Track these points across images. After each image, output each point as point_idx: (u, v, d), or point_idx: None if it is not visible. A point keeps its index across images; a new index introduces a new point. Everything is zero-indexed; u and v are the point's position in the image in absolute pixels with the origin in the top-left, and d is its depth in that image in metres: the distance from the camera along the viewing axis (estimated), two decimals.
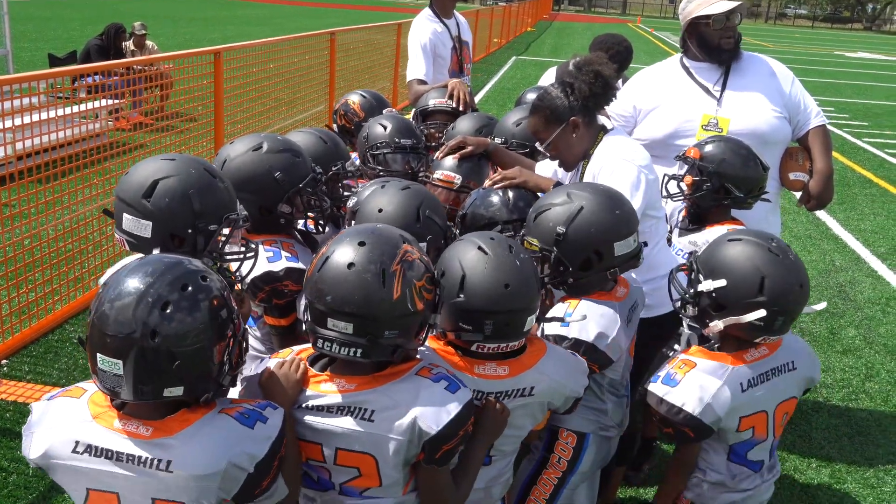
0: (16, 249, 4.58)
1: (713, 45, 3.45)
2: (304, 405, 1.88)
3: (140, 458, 1.63)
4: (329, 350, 1.83)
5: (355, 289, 1.78)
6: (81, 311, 4.95)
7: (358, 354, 1.81)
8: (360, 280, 1.79)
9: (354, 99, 3.70)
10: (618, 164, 2.68)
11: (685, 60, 3.60)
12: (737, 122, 3.38)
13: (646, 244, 2.46)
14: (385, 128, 3.18)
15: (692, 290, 2.30)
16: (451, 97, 3.81)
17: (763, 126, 3.40)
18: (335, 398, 1.85)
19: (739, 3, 3.39)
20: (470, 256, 2.00)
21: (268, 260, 2.42)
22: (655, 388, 2.28)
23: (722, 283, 2.20)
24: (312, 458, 1.92)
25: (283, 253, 2.46)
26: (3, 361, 4.35)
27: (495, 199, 2.68)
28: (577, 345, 2.26)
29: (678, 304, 2.38)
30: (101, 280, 2.30)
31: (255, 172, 2.44)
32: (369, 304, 1.78)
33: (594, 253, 2.30)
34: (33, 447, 1.70)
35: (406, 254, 1.85)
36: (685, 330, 2.74)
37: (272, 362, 1.95)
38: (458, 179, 2.95)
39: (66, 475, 1.69)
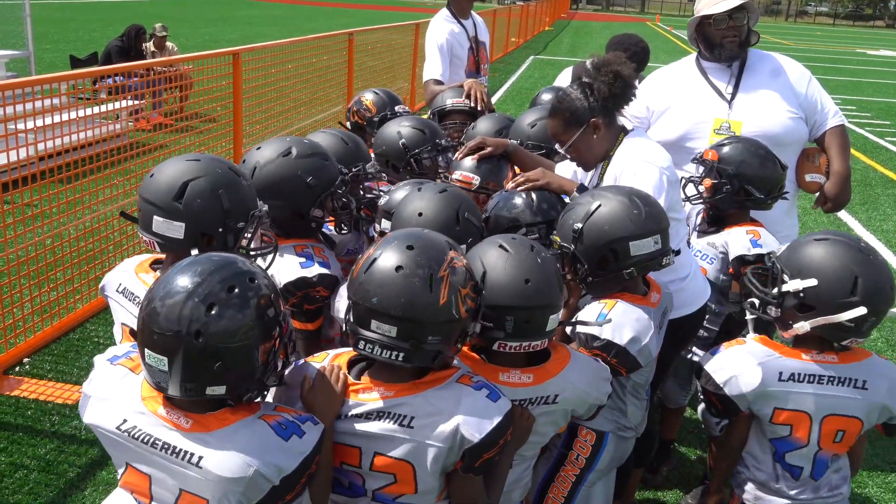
0: (38, 249, 4.63)
1: (716, 44, 3.43)
2: (345, 415, 1.87)
3: (175, 448, 1.67)
4: (370, 352, 1.83)
5: (402, 292, 1.78)
6: (102, 311, 5.00)
7: (400, 358, 1.81)
8: (407, 283, 1.78)
9: (368, 97, 3.76)
10: (640, 166, 2.67)
11: (700, 60, 3.58)
12: (749, 125, 3.35)
13: (678, 252, 2.43)
14: (423, 132, 3.18)
15: (776, 290, 2.22)
16: (468, 97, 3.82)
17: (776, 128, 3.36)
18: (376, 404, 1.85)
19: (742, 1, 3.33)
20: (491, 254, 2.02)
21: (300, 266, 2.44)
22: (703, 357, 2.36)
23: (812, 282, 2.14)
24: (348, 462, 1.91)
25: (316, 258, 2.49)
26: (25, 360, 4.40)
27: (518, 200, 2.67)
28: (609, 347, 2.27)
29: (750, 305, 2.33)
30: (101, 283, 2.34)
31: (287, 178, 2.46)
32: (415, 308, 1.78)
33: (610, 251, 2.30)
34: (87, 411, 1.78)
35: (453, 260, 1.85)
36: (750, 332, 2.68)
37: (310, 368, 1.94)
38: (476, 180, 2.95)
39: (110, 444, 1.78)
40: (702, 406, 2.43)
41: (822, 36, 44.58)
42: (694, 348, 3.32)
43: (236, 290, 1.65)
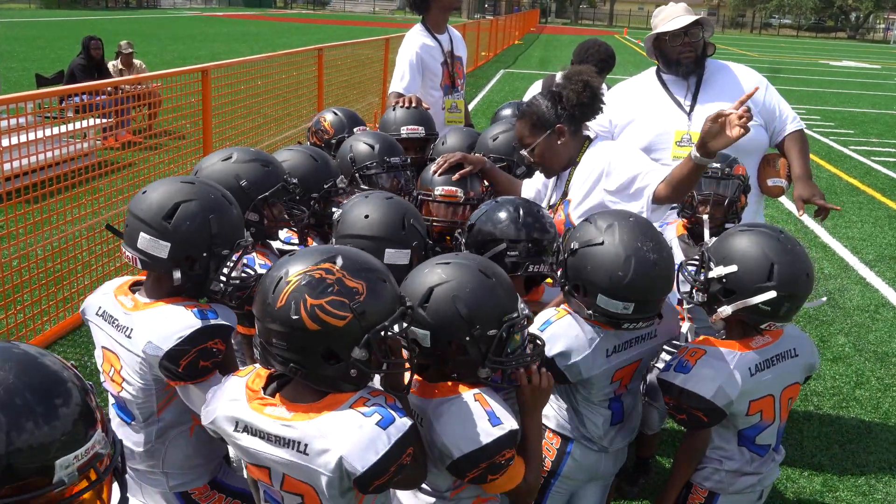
0: (3, 271, 4.56)
1: (672, 60, 3.49)
2: (255, 433, 1.80)
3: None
4: (271, 367, 1.83)
5: (260, 294, 1.78)
6: (71, 332, 4.93)
7: (297, 374, 1.76)
8: (264, 285, 1.78)
9: (327, 117, 3.73)
10: (627, 151, 2.74)
11: (660, 73, 3.63)
12: None
13: (661, 316, 2.37)
14: (372, 147, 3.20)
15: (702, 277, 2.37)
16: (405, 104, 3.79)
17: None
18: (273, 426, 1.78)
19: (696, 17, 3.42)
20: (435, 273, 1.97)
21: (259, 264, 2.45)
22: (668, 375, 2.35)
23: (733, 268, 2.28)
24: (264, 481, 1.87)
25: (258, 260, 2.50)
26: None
27: (504, 215, 2.57)
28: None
29: (686, 294, 2.45)
30: (82, 307, 2.32)
31: (222, 177, 2.46)
32: (263, 310, 1.75)
33: (583, 287, 2.27)
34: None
35: (318, 270, 1.73)
36: (686, 324, 2.77)
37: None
38: (460, 193, 2.97)
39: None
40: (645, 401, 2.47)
41: (787, 47, 45.43)
42: (676, 342, 3.32)
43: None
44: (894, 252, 7.49)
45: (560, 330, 2.31)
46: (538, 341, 2.07)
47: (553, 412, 2.49)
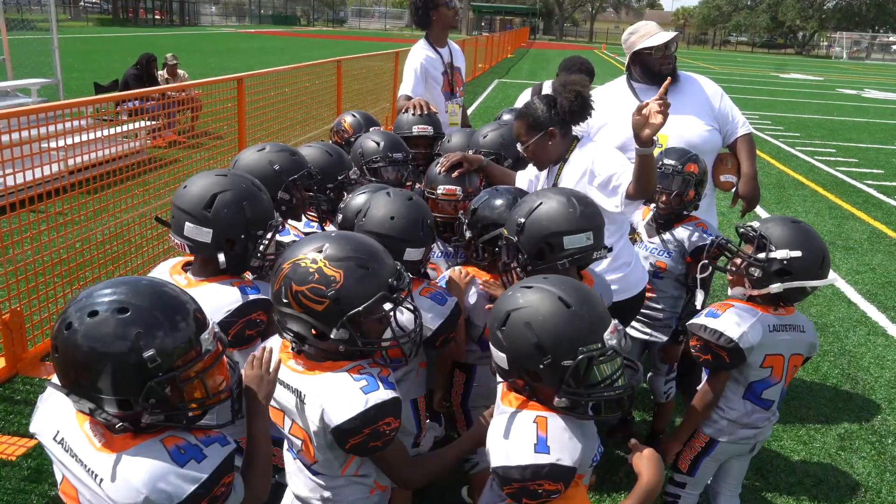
0: (68, 252, 4.58)
1: (655, 72, 3.47)
2: (278, 381, 1.82)
3: (86, 465, 1.46)
4: (283, 337, 1.85)
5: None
6: None
7: (296, 345, 1.81)
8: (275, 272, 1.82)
9: (347, 119, 3.73)
10: (608, 152, 2.74)
11: (631, 82, 3.62)
12: (674, 139, 3.43)
13: (610, 249, 2.38)
14: (378, 144, 3.20)
15: (762, 255, 2.34)
16: (417, 112, 3.76)
17: (696, 138, 3.44)
18: (289, 376, 1.81)
19: (675, 34, 3.47)
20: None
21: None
22: (699, 319, 2.39)
23: (798, 253, 2.30)
24: (277, 423, 1.88)
25: (291, 231, 2.54)
26: None
27: (500, 201, 2.58)
28: None
29: (731, 266, 2.47)
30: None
31: (258, 165, 2.51)
32: (270, 293, 1.82)
33: (546, 244, 2.24)
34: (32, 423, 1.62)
35: (304, 260, 1.74)
36: (700, 295, 2.76)
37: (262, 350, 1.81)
38: (459, 191, 2.98)
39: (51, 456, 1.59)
40: (650, 374, 2.47)
41: (743, 62, 45.11)
42: (649, 329, 3.35)
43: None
44: (833, 238, 7.48)
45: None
46: (634, 370, 1.73)
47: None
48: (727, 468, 2.65)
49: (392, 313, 1.86)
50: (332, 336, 1.74)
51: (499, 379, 1.85)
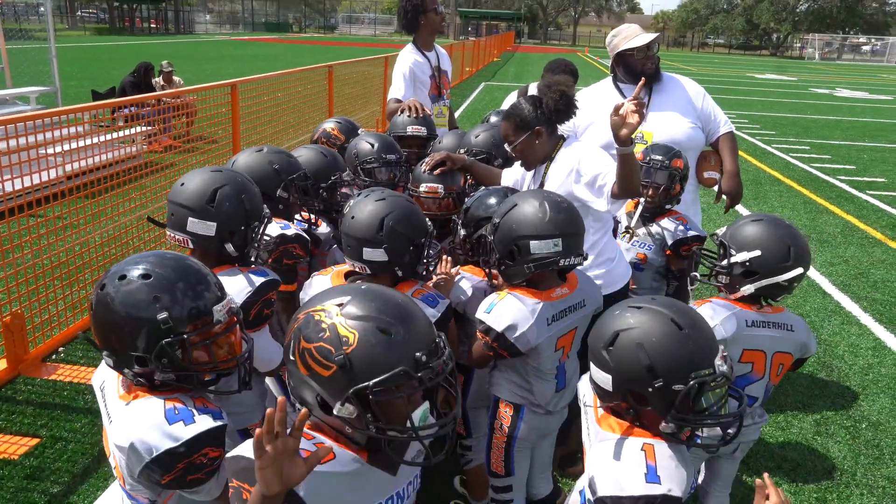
0: (68, 255, 4.54)
1: (637, 72, 3.47)
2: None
3: (107, 409, 1.65)
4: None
5: None
6: None
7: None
8: None
9: (332, 126, 3.60)
10: (593, 152, 2.72)
11: (617, 82, 3.62)
12: (658, 136, 3.44)
13: (586, 257, 2.32)
14: (373, 145, 3.19)
15: (725, 262, 2.30)
16: (413, 114, 3.75)
17: (680, 136, 3.45)
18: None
19: (656, 35, 3.47)
20: None
21: (280, 227, 2.46)
22: None
23: (757, 253, 2.25)
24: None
25: (292, 226, 2.53)
26: (60, 349, 4.32)
27: (492, 200, 2.59)
28: (489, 331, 2.20)
29: (690, 280, 2.42)
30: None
31: (258, 165, 2.54)
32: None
33: (515, 246, 2.22)
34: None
35: (316, 315, 1.39)
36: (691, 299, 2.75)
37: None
38: (441, 189, 2.97)
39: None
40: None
41: (720, 63, 45.31)
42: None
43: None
44: (808, 232, 7.52)
45: (505, 307, 2.21)
46: (737, 401, 1.63)
47: (505, 384, 2.40)
48: (716, 469, 2.61)
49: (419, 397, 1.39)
50: (334, 411, 1.35)
51: (587, 401, 1.72)
